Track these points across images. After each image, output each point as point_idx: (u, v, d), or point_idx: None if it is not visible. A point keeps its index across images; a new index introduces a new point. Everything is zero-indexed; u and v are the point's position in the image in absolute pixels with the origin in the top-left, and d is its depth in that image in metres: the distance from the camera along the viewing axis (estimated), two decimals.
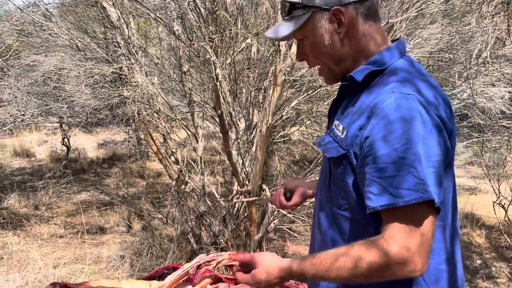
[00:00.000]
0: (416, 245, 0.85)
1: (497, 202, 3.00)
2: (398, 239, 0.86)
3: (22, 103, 4.48)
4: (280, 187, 1.45)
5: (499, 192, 3.00)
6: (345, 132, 0.98)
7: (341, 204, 1.03)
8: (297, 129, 4.26)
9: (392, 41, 1.08)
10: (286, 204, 1.41)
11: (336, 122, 1.05)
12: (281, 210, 3.33)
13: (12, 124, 4.35)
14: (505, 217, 3.08)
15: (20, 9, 3.52)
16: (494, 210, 3.07)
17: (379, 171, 0.88)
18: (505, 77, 3.24)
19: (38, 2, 3.52)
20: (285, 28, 1.05)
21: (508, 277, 3.42)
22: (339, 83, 1.13)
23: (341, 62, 1.05)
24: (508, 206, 3.01)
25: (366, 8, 1.00)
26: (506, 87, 3.66)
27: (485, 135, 3.17)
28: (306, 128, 4.23)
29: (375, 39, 1.03)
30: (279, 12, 2.88)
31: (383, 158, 0.88)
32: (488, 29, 3.13)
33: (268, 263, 1.01)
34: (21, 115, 4.56)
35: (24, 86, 4.46)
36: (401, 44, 1.05)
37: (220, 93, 2.58)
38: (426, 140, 0.87)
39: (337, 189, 1.04)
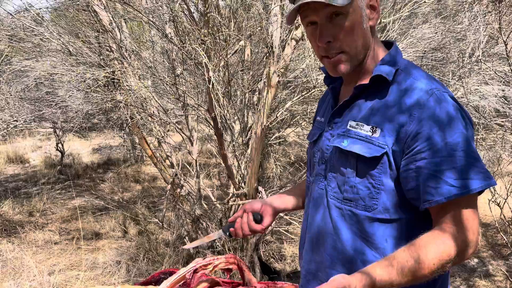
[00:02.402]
0: (478, 228, 0.94)
1: (492, 200, 3.00)
2: (468, 225, 0.92)
3: (15, 109, 4.45)
4: (238, 214, 1.31)
5: (494, 190, 3.00)
6: (378, 131, 0.99)
7: (369, 205, 1.01)
8: (293, 131, 4.25)
9: (383, 42, 1.12)
10: (258, 227, 1.27)
11: (352, 123, 1.04)
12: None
13: (5, 130, 4.31)
14: (500, 215, 3.08)
15: (11, 15, 3.49)
16: (490, 208, 3.07)
17: (439, 165, 0.92)
18: (498, 75, 3.25)
19: (29, 7, 3.49)
20: None
21: (506, 275, 3.43)
22: (331, 85, 1.15)
23: (363, 51, 1.04)
24: (504, 204, 3.02)
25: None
26: (500, 85, 3.68)
27: (479, 134, 3.17)
28: (301, 129, 4.22)
29: (379, 41, 1.09)
30: (271, 13, 2.89)
31: (441, 151, 0.92)
32: (480, 28, 3.14)
33: (342, 277, 0.89)
34: (13, 121, 4.53)
35: (17, 91, 4.42)
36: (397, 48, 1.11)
37: (213, 95, 2.56)
38: (471, 132, 0.96)
39: (367, 189, 1.01)
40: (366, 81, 1.06)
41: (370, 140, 0.99)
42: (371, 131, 1.00)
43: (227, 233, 1.32)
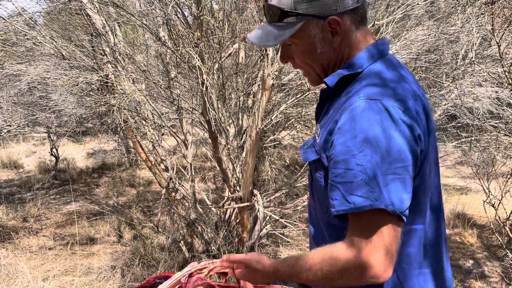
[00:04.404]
0: (373, 251, 0.85)
1: (487, 201, 3.01)
2: (356, 244, 0.86)
3: (8, 114, 4.42)
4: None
5: (489, 191, 3.01)
6: (320, 137, 0.98)
7: (321, 208, 1.03)
8: (288, 133, 4.25)
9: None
10: None
11: (317, 126, 1.05)
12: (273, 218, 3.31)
13: None
14: (495, 216, 3.09)
15: (4, 19, 3.47)
16: (485, 209, 3.08)
17: (338, 176, 0.88)
18: (492, 76, 3.26)
19: (22, 11, 3.47)
20: (275, 35, 1.00)
21: (501, 276, 3.43)
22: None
23: (330, 68, 1.04)
24: (498, 205, 3.03)
25: (359, 15, 0.98)
26: (493, 87, 3.70)
27: (473, 135, 3.18)
28: (297, 132, 4.23)
29: (363, 43, 1.01)
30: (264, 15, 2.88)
31: (341, 163, 0.87)
32: (473, 30, 3.16)
33: (258, 255, 1.07)
34: (7, 125, 4.50)
35: (10, 96, 4.40)
36: (380, 45, 1.02)
37: (206, 98, 2.56)
38: (386, 147, 0.85)
39: (317, 193, 1.03)
40: None
41: (315, 145, 0.99)
42: (318, 136, 0.99)
43: None
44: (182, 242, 3.69)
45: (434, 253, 1.01)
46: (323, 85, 1.04)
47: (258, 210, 3.16)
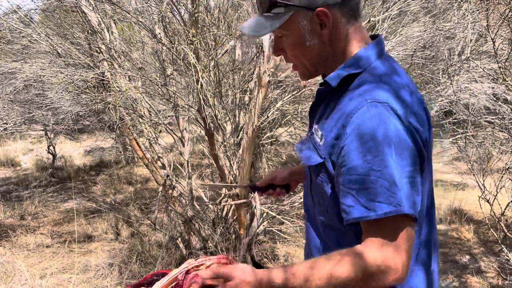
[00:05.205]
0: (398, 255, 0.85)
1: (482, 197, 3.02)
2: (376, 250, 0.86)
3: (4, 112, 4.41)
4: (267, 181, 1.41)
5: (484, 187, 3.02)
6: (323, 140, 0.96)
7: (321, 211, 1.02)
8: (285, 130, 4.25)
9: (372, 37, 1.04)
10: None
11: (315, 127, 1.03)
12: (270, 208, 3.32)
13: None
14: (490, 212, 3.10)
15: None
16: (480, 205, 3.09)
17: (352, 183, 0.87)
18: (487, 73, 3.27)
19: (17, 9, 3.46)
20: (263, 25, 1.00)
21: (497, 271, 3.45)
22: (315, 81, 1.11)
23: (320, 63, 1.02)
24: (493, 200, 3.04)
25: (349, 8, 0.97)
26: (489, 83, 3.70)
27: (469, 131, 3.19)
28: (294, 129, 4.23)
29: (356, 39, 0.99)
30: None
31: (356, 169, 0.87)
32: (468, 26, 3.16)
33: (244, 266, 0.94)
34: (3, 123, 4.48)
35: (6, 94, 4.38)
36: (379, 43, 1.01)
37: (201, 96, 2.56)
38: (399, 151, 0.85)
39: (317, 195, 1.03)
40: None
41: (317, 148, 0.98)
42: (320, 138, 0.98)
43: (254, 191, 1.48)
44: (179, 239, 3.70)
45: (426, 254, 1.01)
46: (311, 80, 1.04)
47: (255, 207, 3.16)
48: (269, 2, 0.98)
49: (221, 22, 2.99)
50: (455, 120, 3.72)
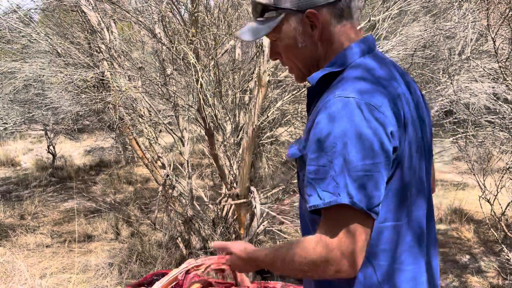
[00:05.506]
0: (338, 246, 0.87)
1: (483, 196, 3.02)
2: (323, 239, 0.89)
3: (4, 111, 4.40)
4: None
5: (484, 187, 3.02)
6: (303, 136, 0.99)
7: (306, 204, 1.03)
8: (285, 130, 4.25)
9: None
10: None
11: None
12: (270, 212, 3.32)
13: None
14: (491, 212, 3.10)
15: None
16: (480, 204, 3.09)
17: (311, 173, 0.90)
18: (488, 72, 3.26)
19: (17, 8, 3.46)
20: (257, 30, 1.03)
21: (498, 271, 3.45)
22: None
23: (313, 64, 1.04)
24: (494, 200, 3.04)
25: (339, 8, 0.98)
26: (489, 83, 3.70)
27: (469, 131, 3.19)
28: (294, 128, 4.22)
29: (347, 38, 1.00)
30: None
31: (315, 160, 0.89)
32: (469, 25, 3.16)
33: (244, 243, 1.15)
34: (3, 123, 4.48)
35: (5, 93, 4.38)
36: (365, 42, 1.01)
37: (201, 96, 2.55)
38: (355, 144, 0.86)
39: (302, 190, 1.03)
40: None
41: (299, 143, 1.00)
42: (303, 134, 1.01)
43: None
44: (179, 239, 3.70)
45: (418, 251, 0.99)
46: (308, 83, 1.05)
47: (255, 207, 3.16)
48: (262, 7, 1.01)
49: (221, 21, 2.99)
50: (456, 120, 3.72)
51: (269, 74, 2.81)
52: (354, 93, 0.90)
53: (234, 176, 3.27)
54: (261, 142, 3.83)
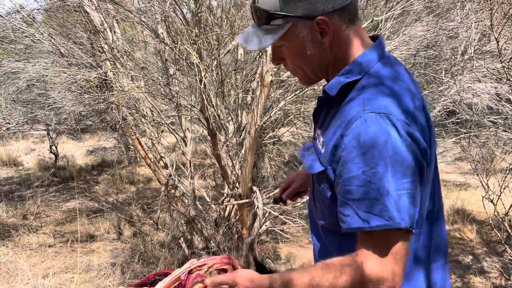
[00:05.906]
0: (389, 265, 0.87)
1: (486, 197, 3.01)
2: (371, 260, 0.87)
3: (7, 111, 4.41)
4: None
5: (488, 187, 3.01)
6: (324, 148, 0.96)
7: (322, 215, 1.03)
8: (288, 130, 4.25)
9: (372, 38, 1.02)
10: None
11: (318, 132, 1.03)
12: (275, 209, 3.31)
13: None
14: (494, 212, 3.09)
15: (2, 16, 3.46)
16: (484, 205, 3.08)
17: (349, 193, 0.88)
18: (491, 72, 3.26)
19: (20, 9, 3.46)
20: (263, 38, 0.97)
21: (500, 271, 3.44)
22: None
23: (322, 69, 1.01)
24: (497, 200, 3.03)
25: (348, 13, 0.95)
26: (492, 83, 3.69)
27: (472, 131, 3.19)
28: (296, 129, 4.22)
29: (357, 42, 0.97)
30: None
31: (353, 180, 0.87)
32: (472, 25, 3.15)
33: (246, 272, 0.98)
34: (6, 123, 4.49)
35: (8, 93, 4.39)
36: (379, 45, 0.98)
37: (204, 96, 2.55)
38: (394, 164, 0.85)
39: (319, 201, 1.03)
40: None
41: (319, 155, 0.98)
42: (322, 146, 0.97)
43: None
44: (181, 239, 3.70)
45: (426, 258, 1.01)
46: (315, 86, 1.04)
47: (258, 207, 3.16)
48: (267, 15, 0.95)
49: (224, 21, 2.99)
50: (458, 120, 3.71)
51: (271, 74, 2.81)
52: (386, 108, 0.88)
53: (236, 176, 3.27)
54: (263, 142, 3.83)
